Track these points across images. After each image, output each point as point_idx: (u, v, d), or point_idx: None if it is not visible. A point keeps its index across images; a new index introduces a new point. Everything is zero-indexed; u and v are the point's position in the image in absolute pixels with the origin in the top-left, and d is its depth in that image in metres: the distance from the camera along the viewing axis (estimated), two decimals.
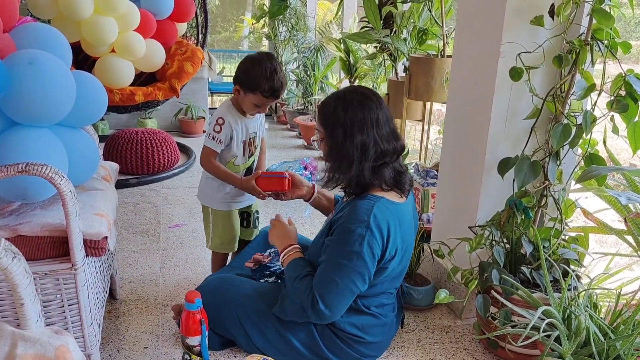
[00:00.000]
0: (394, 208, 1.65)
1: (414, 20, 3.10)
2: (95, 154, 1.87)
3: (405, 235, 1.69)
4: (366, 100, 1.63)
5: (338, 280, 1.58)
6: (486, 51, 1.88)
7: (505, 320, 1.68)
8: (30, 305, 1.24)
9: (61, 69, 1.59)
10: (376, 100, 1.65)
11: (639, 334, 1.46)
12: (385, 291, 1.75)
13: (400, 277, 1.80)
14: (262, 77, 1.87)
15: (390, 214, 1.62)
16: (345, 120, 1.61)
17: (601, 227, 1.96)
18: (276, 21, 5.71)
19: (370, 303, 1.73)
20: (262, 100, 1.92)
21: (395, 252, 1.65)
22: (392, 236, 1.61)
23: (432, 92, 2.83)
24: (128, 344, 1.89)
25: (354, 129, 1.60)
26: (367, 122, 1.60)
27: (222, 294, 1.79)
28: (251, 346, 1.76)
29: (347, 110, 1.61)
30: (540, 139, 1.85)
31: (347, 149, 1.61)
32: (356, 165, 1.62)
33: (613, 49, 1.68)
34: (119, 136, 3.86)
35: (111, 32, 3.11)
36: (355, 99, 1.62)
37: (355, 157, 1.61)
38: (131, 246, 2.70)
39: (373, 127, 1.61)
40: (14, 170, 1.35)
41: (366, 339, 1.73)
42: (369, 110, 1.62)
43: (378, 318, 1.75)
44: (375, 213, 1.58)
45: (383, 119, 1.63)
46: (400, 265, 1.72)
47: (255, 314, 1.74)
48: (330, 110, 1.64)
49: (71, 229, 1.47)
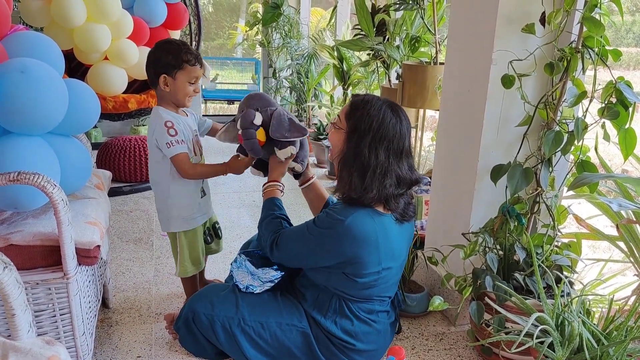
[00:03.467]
0: (379, 219, 1.65)
1: (406, 27, 3.12)
2: (88, 162, 1.86)
3: (393, 247, 1.69)
4: (404, 122, 1.64)
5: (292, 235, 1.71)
6: (478, 59, 1.89)
7: (499, 326, 1.68)
8: (22, 316, 1.23)
9: (53, 77, 1.58)
10: (408, 127, 1.66)
11: (632, 339, 1.46)
12: (375, 297, 1.74)
13: (391, 286, 1.79)
14: (178, 51, 1.84)
15: (373, 223, 1.62)
16: (376, 137, 1.59)
17: (593, 233, 1.97)
18: (269, 28, 5.72)
19: (360, 308, 1.73)
20: (192, 72, 1.86)
21: (374, 264, 1.64)
22: (367, 243, 1.61)
23: (425, 99, 2.84)
24: (121, 353, 1.88)
25: (379, 148, 1.59)
26: (393, 146, 1.61)
27: (213, 310, 1.77)
28: (245, 358, 1.75)
29: (380, 127, 1.60)
30: (532, 145, 1.86)
31: (371, 167, 1.59)
32: (377, 184, 1.60)
33: (604, 57, 1.69)
34: (112, 144, 3.85)
35: (104, 40, 3.10)
36: (392, 120, 1.61)
37: (378, 175, 1.60)
38: (124, 254, 2.68)
39: (398, 153, 1.63)
40: (6, 179, 1.35)
41: (357, 346, 1.73)
42: (399, 136, 1.62)
43: (370, 325, 1.75)
44: (349, 224, 1.59)
45: (407, 148, 1.66)
46: (387, 275, 1.71)
47: (248, 326, 1.73)
48: (365, 115, 1.61)
49: (63, 238, 1.46)
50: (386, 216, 1.66)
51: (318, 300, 1.75)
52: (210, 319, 1.75)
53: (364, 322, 1.74)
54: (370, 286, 1.69)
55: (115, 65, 3.30)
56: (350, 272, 1.66)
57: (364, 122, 1.60)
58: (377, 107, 1.61)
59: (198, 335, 1.79)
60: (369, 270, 1.65)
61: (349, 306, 1.72)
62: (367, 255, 1.62)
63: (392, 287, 1.80)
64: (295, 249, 1.71)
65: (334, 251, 1.63)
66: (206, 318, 1.76)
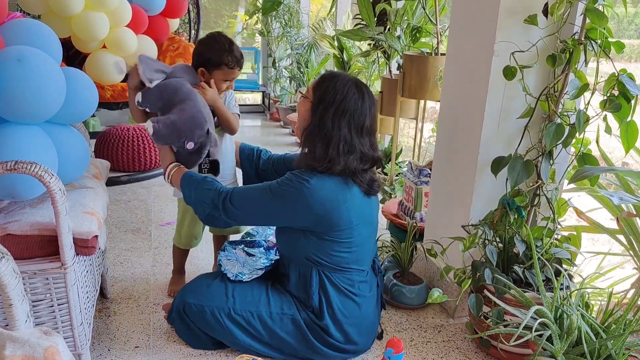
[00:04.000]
0: (344, 185, 1.68)
1: (407, 17, 3.09)
2: (86, 152, 1.84)
3: (363, 211, 1.73)
4: (366, 100, 1.68)
5: (252, 193, 1.71)
6: (480, 50, 1.87)
7: (497, 319, 1.68)
8: (19, 306, 1.22)
9: (51, 66, 1.57)
10: (370, 105, 1.70)
11: (630, 333, 1.46)
12: (353, 266, 1.76)
13: (367, 254, 1.81)
14: (223, 51, 1.91)
15: (337, 186, 1.66)
16: (339, 109, 1.64)
17: (593, 226, 1.97)
18: (269, 17, 5.68)
19: (340, 280, 1.74)
20: (229, 73, 1.95)
21: (345, 222, 1.68)
22: (337, 205, 1.65)
23: (425, 90, 2.82)
24: (119, 343, 1.87)
25: (342, 120, 1.64)
26: (354, 121, 1.66)
27: (203, 300, 1.78)
28: (240, 346, 1.77)
29: (344, 100, 1.65)
30: (533, 138, 1.85)
31: (334, 138, 1.64)
32: (343, 158, 1.65)
33: (606, 49, 1.68)
34: (110, 133, 3.83)
35: (102, 28, 3.07)
36: (355, 95, 1.66)
37: (342, 149, 1.65)
38: (122, 244, 2.68)
39: (359, 129, 1.67)
40: (3, 168, 1.33)
41: (343, 323, 1.74)
42: (360, 112, 1.67)
43: (352, 300, 1.75)
44: (313, 186, 1.63)
45: (369, 126, 1.70)
46: (360, 238, 1.74)
47: (239, 315, 1.75)
48: (330, 88, 1.66)
49: (61, 228, 1.45)
50: (351, 185, 1.70)
51: (300, 277, 1.77)
52: (200, 310, 1.76)
53: (345, 296, 1.74)
54: (345, 250, 1.71)
55: (114, 54, 3.27)
56: (323, 232, 1.69)
57: (329, 94, 1.66)
58: (344, 82, 1.67)
59: (192, 326, 1.80)
60: (341, 227, 1.68)
61: (329, 277, 1.73)
62: (337, 214, 1.66)
63: (368, 256, 1.82)
64: (256, 209, 1.71)
65: (303, 212, 1.66)
66: (197, 309, 1.76)
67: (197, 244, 2.19)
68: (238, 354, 1.81)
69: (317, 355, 1.77)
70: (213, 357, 1.81)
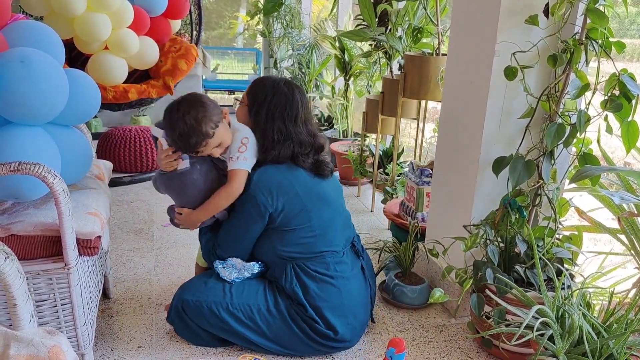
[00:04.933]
0: (288, 169, 1.78)
1: (409, 18, 3.09)
2: (89, 153, 1.85)
3: (314, 192, 1.80)
4: (296, 93, 1.80)
5: (231, 227, 1.82)
6: (481, 50, 1.88)
7: (499, 319, 1.68)
8: (23, 306, 1.23)
9: (53, 67, 1.57)
10: (301, 97, 1.82)
11: (632, 332, 1.46)
12: (324, 250, 1.80)
13: (335, 234, 1.83)
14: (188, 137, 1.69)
15: (279, 172, 1.76)
16: (270, 105, 1.76)
17: (595, 226, 1.97)
18: (271, 18, 5.68)
19: (314, 266, 1.78)
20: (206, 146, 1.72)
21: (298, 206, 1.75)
22: (284, 190, 1.73)
23: (426, 90, 2.82)
24: (121, 343, 1.88)
25: (275, 114, 1.76)
26: (287, 112, 1.77)
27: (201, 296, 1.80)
28: (240, 339, 1.80)
29: (274, 96, 1.77)
30: (534, 138, 1.85)
31: (268, 131, 1.76)
32: (279, 146, 1.76)
33: (607, 49, 1.68)
34: (112, 134, 3.84)
35: (104, 29, 3.08)
36: (284, 91, 1.78)
37: (277, 139, 1.75)
38: (125, 245, 2.69)
39: (293, 119, 1.78)
40: (6, 169, 1.34)
41: (321, 305, 1.76)
42: (291, 104, 1.78)
43: (330, 284, 1.78)
44: (255, 180, 1.73)
45: (303, 116, 1.81)
46: (320, 221, 1.79)
47: (237, 309, 1.77)
48: (261, 89, 1.79)
49: (64, 229, 1.46)
50: (295, 169, 1.79)
51: (281, 274, 1.80)
52: (198, 305, 1.78)
53: (322, 282, 1.78)
54: (308, 235, 1.77)
55: (116, 55, 3.28)
56: (283, 225, 1.75)
57: (260, 94, 1.79)
58: (272, 82, 1.81)
59: (190, 323, 1.82)
60: (294, 213, 1.75)
61: (303, 268, 1.78)
62: (288, 201, 1.74)
63: (338, 236, 1.85)
64: (233, 236, 1.81)
65: (257, 211, 1.74)
66: (195, 305, 1.79)
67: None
68: (240, 353, 1.82)
69: (315, 345, 1.79)
70: (216, 357, 1.82)
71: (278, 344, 1.79)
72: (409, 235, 2.25)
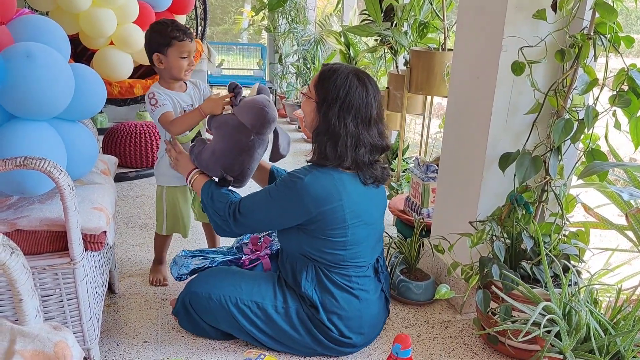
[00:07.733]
0: (339, 177, 1.68)
1: (414, 13, 3.08)
2: (94, 148, 1.85)
3: (359, 208, 1.71)
4: (370, 90, 1.68)
5: (256, 199, 1.75)
6: (488, 45, 1.86)
7: (505, 315, 1.67)
8: (29, 301, 1.23)
9: (59, 62, 1.57)
10: (375, 94, 1.70)
11: (639, 329, 1.45)
12: (349, 262, 1.75)
13: (364, 250, 1.78)
14: (166, 28, 1.96)
15: (332, 180, 1.67)
16: (343, 106, 1.64)
17: (602, 222, 1.95)
18: (276, 13, 5.67)
19: (337, 275, 1.74)
20: (182, 47, 1.97)
21: (339, 221, 1.67)
22: (330, 200, 1.65)
23: (432, 85, 2.81)
24: (127, 338, 1.89)
25: (347, 117, 1.65)
26: (360, 115, 1.67)
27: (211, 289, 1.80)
28: (244, 334, 1.79)
29: (347, 95, 1.64)
30: (541, 134, 1.84)
31: (341, 135, 1.65)
32: (351, 153, 1.66)
33: (616, 44, 1.66)
34: (117, 129, 3.85)
35: (109, 24, 3.08)
36: (357, 88, 1.65)
37: (350, 145, 1.65)
38: (130, 240, 2.69)
39: (367, 122, 1.68)
40: (12, 164, 1.34)
41: (343, 316, 1.74)
42: (366, 104, 1.67)
43: (350, 293, 1.75)
44: (307, 182, 1.64)
45: (376, 116, 1.71)
46: (356, 237, 1.72)
47: (245, 305, 1.76)
48: (332, 86, 1.65)
49: (70, 224, 1.46)
50: (346, 174, 1.70)
51: (292, 269, 1.78)
52: (207, 297, 1.77)
53: (343, 290, 1.75)
54: (341, 247, 1.71)
55: (121, 50, 3.28)
56: (317, 230, 1.69)
57: (332, 92, 1.65)
58: (344, 76, 1.66)
59: (195, 316, 1.82)
60: (334, 226, 1.68)
61: (326, 273, 1.74)
62: (330, 212, 1.66)
63: (368, 253, 1.81)
64: (261, 214, 1.74)
65: (297, 210, 1.67)
66: (205, 298, 1.78)
67: (186, 233, 2.26)
68: (245, 348, 1.82)
69: (322, 348, 1.77)
70: (221, 351, 1.82)
71: (280, 343, 1.78)
72: (415, 231, 2.24)
